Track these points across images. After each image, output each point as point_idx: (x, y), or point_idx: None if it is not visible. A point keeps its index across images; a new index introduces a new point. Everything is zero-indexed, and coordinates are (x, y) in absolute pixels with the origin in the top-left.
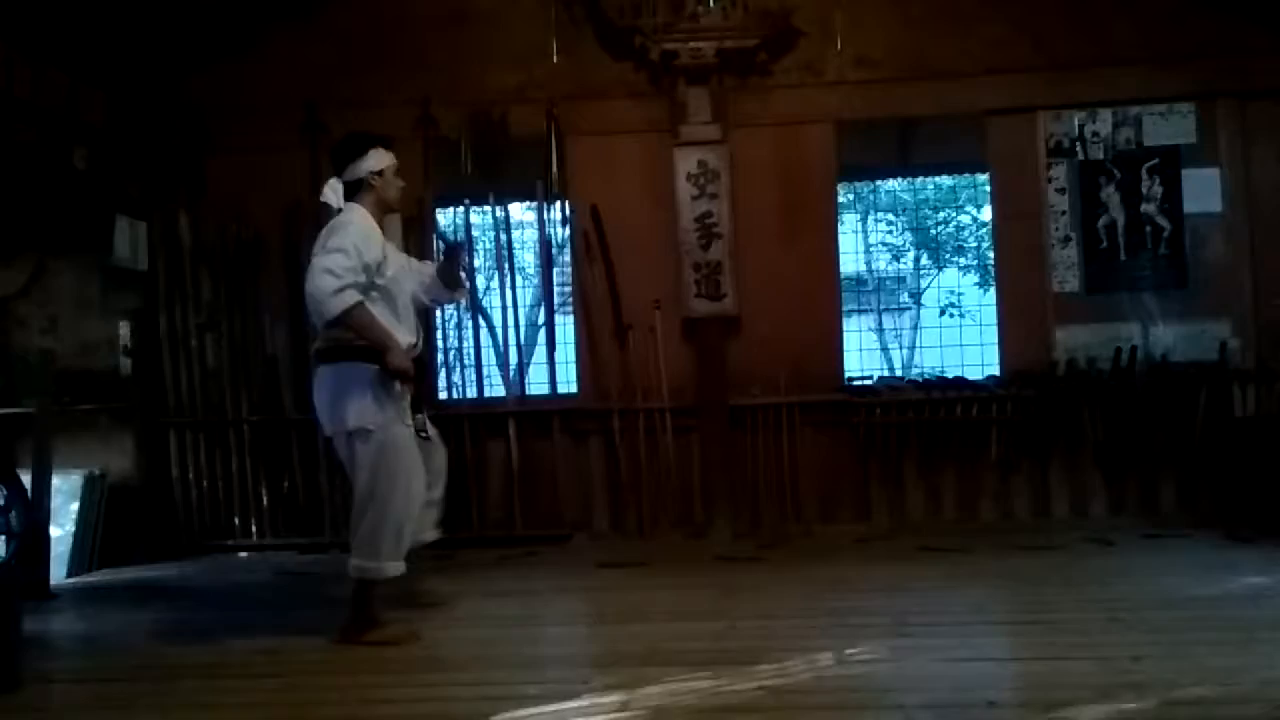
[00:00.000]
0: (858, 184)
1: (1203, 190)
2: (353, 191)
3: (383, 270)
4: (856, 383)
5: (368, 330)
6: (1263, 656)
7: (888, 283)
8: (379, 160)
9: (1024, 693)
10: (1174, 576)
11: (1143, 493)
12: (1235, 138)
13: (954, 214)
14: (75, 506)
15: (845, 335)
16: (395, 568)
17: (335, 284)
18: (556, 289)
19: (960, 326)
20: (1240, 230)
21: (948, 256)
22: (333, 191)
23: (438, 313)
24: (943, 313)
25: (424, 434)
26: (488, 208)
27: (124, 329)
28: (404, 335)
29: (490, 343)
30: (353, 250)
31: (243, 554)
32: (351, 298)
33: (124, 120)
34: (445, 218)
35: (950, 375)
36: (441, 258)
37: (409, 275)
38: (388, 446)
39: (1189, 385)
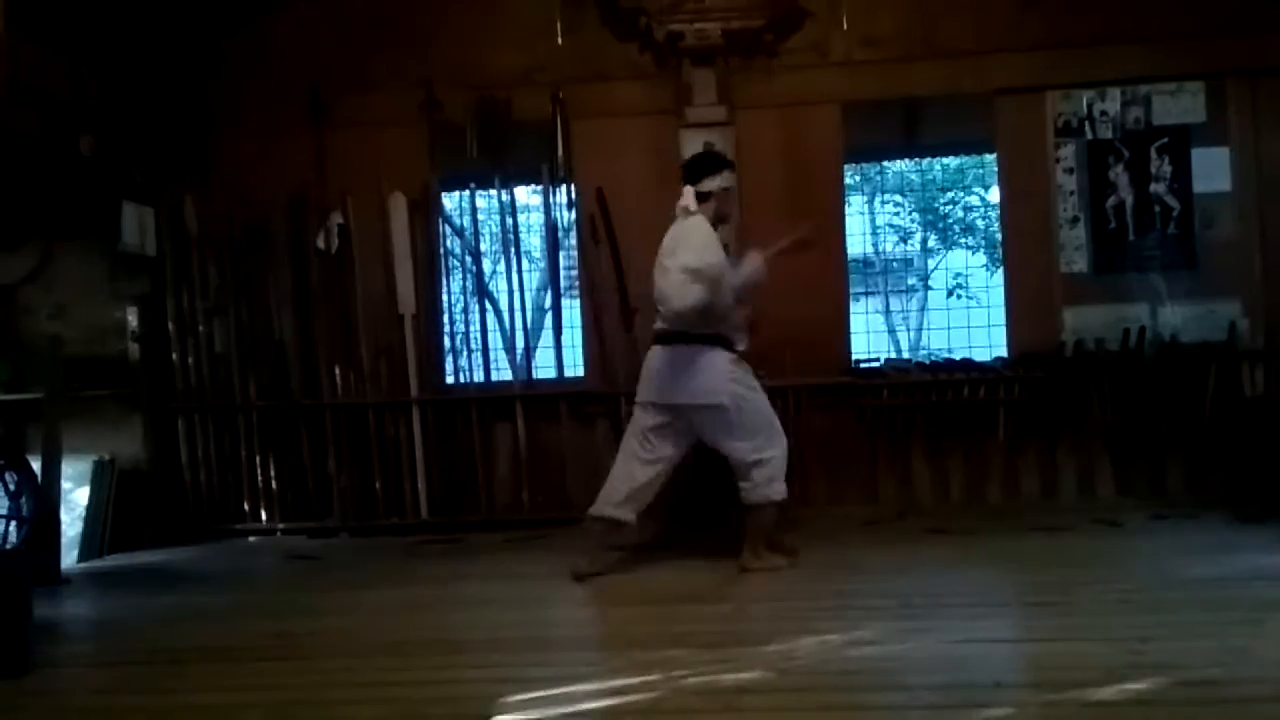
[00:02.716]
0: (865, 165)
1: (1212, 170)
2: (700, 201)
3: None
4: (864, 365)
5: (709, 320)
6: (1271, 637)
7: (895, 264)
8: (726, 180)
9: (1031, 674)
10: (1182, 557)
11: (1151, 474)
12: (1245, 117)
13: (961, 195)
14: (85, 492)
15: (852, 317)
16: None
17: (687, 282)
18: (563, 272)
19: (968, 308)
20: (1250, 210)
21: (955, 238)
22: (688, 198)
23: (444, 297)
24: (950, 294)
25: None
26: (493, 191)
27: (132, 314)
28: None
29: (497, 326)
30: (702, 253)
31: (252, 538)
32: (699, 295)
33: (129, 105)
34: (451, 201)
35: (958, 357)
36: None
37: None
38: (759, 400)
39: (1198, 366)
